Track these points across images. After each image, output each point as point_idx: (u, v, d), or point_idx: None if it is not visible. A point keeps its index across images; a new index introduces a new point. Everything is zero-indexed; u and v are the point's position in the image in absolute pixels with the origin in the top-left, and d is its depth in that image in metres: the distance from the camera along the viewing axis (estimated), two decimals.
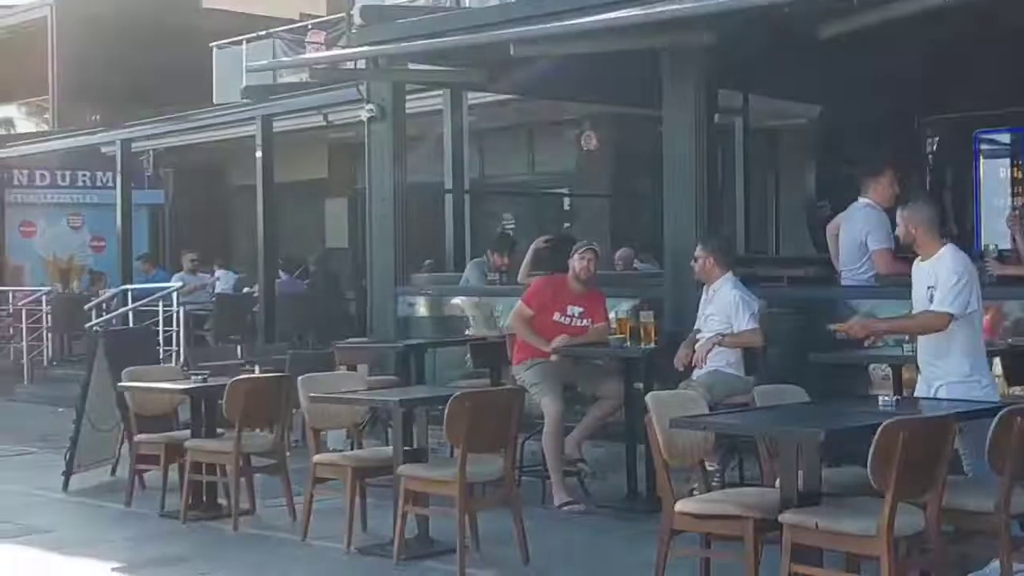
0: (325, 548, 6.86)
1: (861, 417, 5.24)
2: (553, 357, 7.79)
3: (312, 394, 6.94)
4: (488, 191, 16.24)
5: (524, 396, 6.88)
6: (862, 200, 7.72)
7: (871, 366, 7.40)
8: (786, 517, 4.81)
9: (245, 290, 15.52)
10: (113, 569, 6.53)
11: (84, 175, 19.05)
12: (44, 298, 16.93)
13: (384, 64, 9.69)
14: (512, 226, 15.62)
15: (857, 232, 7.71)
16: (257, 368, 10.81)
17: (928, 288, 5.64)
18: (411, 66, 9.92)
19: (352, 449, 7.84)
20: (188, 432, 8.02)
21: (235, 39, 19.16)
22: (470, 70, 9.47)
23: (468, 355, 9.03)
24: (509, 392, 6.81)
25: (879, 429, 4.56)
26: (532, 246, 9.43)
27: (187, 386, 8.00)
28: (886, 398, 5.41)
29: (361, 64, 9.80)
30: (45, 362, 16.83)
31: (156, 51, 20.48)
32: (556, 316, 7.93)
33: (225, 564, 6.77)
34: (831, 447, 5.29)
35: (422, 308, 10.36)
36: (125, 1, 21.35)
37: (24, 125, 22.90)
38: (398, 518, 6.34)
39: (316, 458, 6.96)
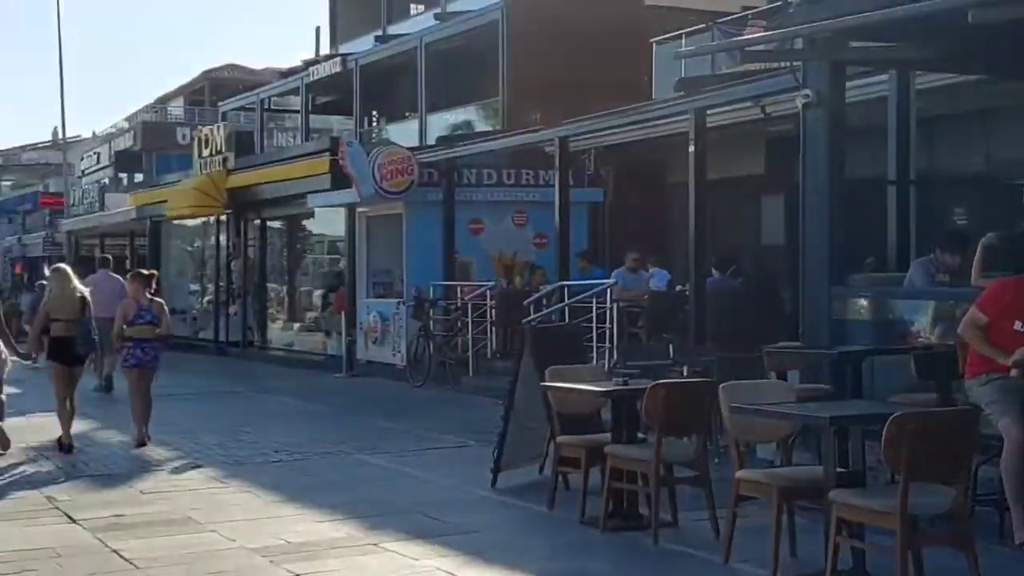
0: (749, 573, 6.35)
1: None
2: (1013, 372, 6.80)
3: (734, 404, 6.43)
4: (938, 183, 14.93)
5: (979, 416, 6.01)
6: None
7: None
8: None
9: (678, 288, 15.26)
10: None
11: (528, 173, 19.57)
12: (488, 293, 17.57)
13: (822, 44, 8.98)
14: (964, 221, 14.24)
15: None
16: (685, 369, 10.54)
17: None
18: (852, 44, 9.13)
19: (781, 463, 7.26)
20: (609, 435, 7.79)
21: (675, 34, 18.99)
22: (920, 46, 8.53)
23: (912, 366, 8.13)
24: (960, 413, 5.95)
25: None
26: (981, 243, 8.40)
27: (606, 388, 7.75)
28: None
29: (798, 45, 9.14)
30: (489, 355, 17.45)
31: (600, 50, 20.75)
32: (1018, 325, 6.91)
33: None
34: None
35: (860, 311, 9.53)
36: (570, 2, 21.79)
37: (481, 126, 23.94)
38: (830, 548, 5.71)
39: (739, 474, 6.46)
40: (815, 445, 8.29)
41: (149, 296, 11.92)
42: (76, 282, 11.85)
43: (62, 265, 12.46)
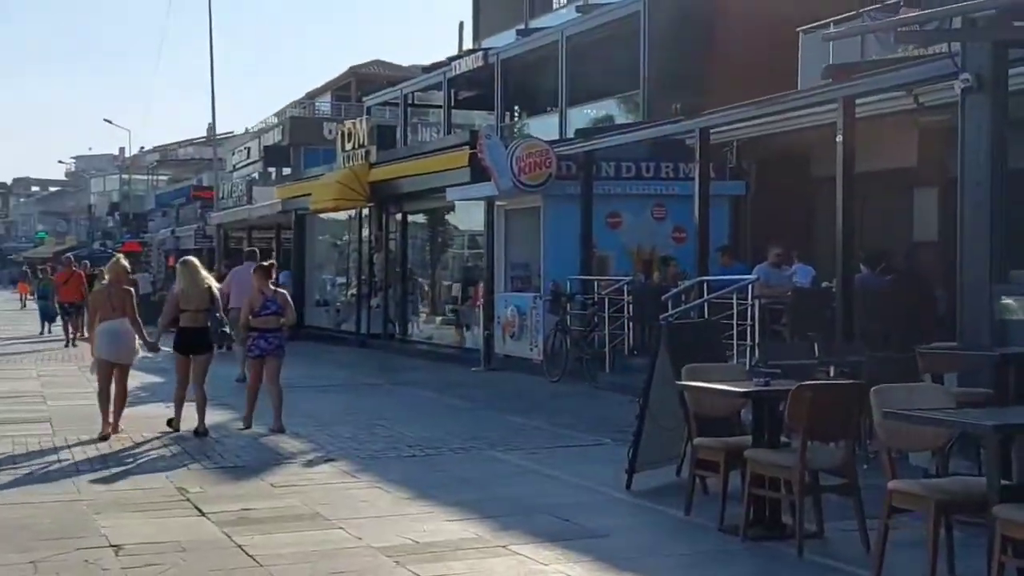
0: None
1: None
2: None
3: (887, 410, 5.98)
4: None
5: None
6: None
7: None
8: None
9: (824, 284, 14.68)
10: None
11: (667, 166, 19.16)
12: (626, 287, 17.23)
13: (984, 24, 8.40)
14: None
15: None
16: (832, 370, 10.04)
17: None
18: (1016, 24, 8.53)
19: (937, 472, 6.77)
20: (750, 438, 7.41)
21: (822, 22, 18.29)
22: None
23: None
24: None
25: None
26: None
27: (747, 389, 7.36)
28: None
29: (957, 25, 8.58)
30: (626, 351, 17.11)
31: (742, 41, 20.17)
32: None
33: None
34: None
35: None
36: None
37: (621, 120, 23.54)
38: (994, 569, 5.24)
39: (892, 485, 6.00)
40: (974, 453, 7.78)
41: (273, 287, 12.19)
42: (204, 273, 12.18)
43: (190, 258, 12.82)
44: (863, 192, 13.68)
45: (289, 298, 12.37)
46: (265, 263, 12.75)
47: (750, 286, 14.30)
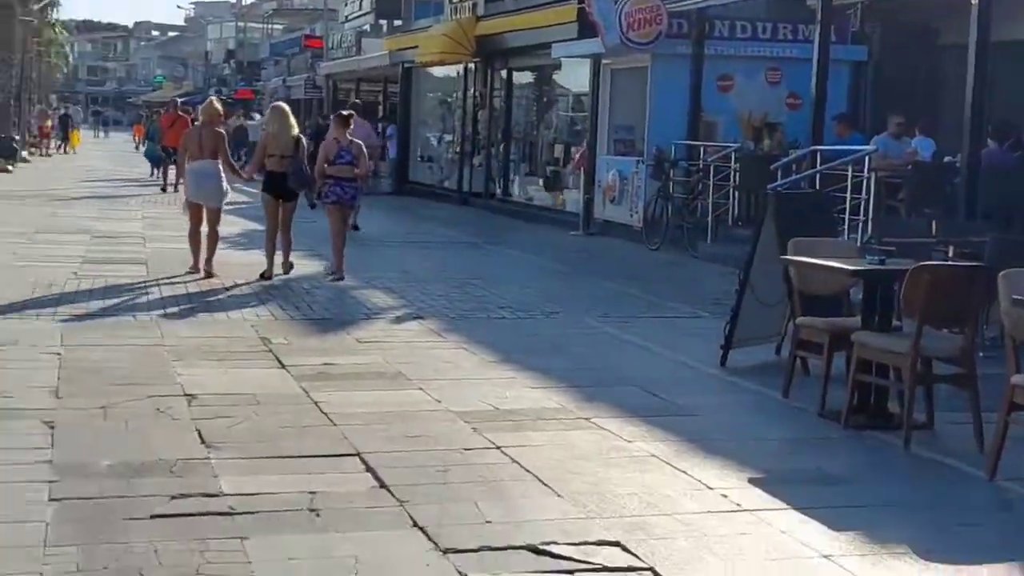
0: (1019, 495, 5.43)
1: None
2: None
3: (1016, 296, 5.44)
4: None
5: None
6: None
7: None
8: None
9: (947, 159, 13.85)
10: (750, 480, 5.56)
11: (785, 27, 18.17)
12: (733, 155, 16.54)
13: None
14: None
15: None
16: (951, 250, 9.42)
17: None
18: None
19: None
20: (858, 320, 6.91)
21: None
22: None
23: None
24: None
25: None
26: None
27: (858, 267, 6.82)
28: None
29: None
30: (730, 221, 16.52)
31: None
32: None
33: (889, 499, 5.40)
34: None
35: None
36: None
37: None
38: None
39: (1015, 379, 5.51)
40: None
41: (349, 137, 12.16)
42: (292, 121, 12.21)
43: (281, 104, 13.14)
44: (994, 63, 12.75)
45: (364, 149, 12.35)
46: (344, 112, 12.66)
47: (867, 158, 13.54)
